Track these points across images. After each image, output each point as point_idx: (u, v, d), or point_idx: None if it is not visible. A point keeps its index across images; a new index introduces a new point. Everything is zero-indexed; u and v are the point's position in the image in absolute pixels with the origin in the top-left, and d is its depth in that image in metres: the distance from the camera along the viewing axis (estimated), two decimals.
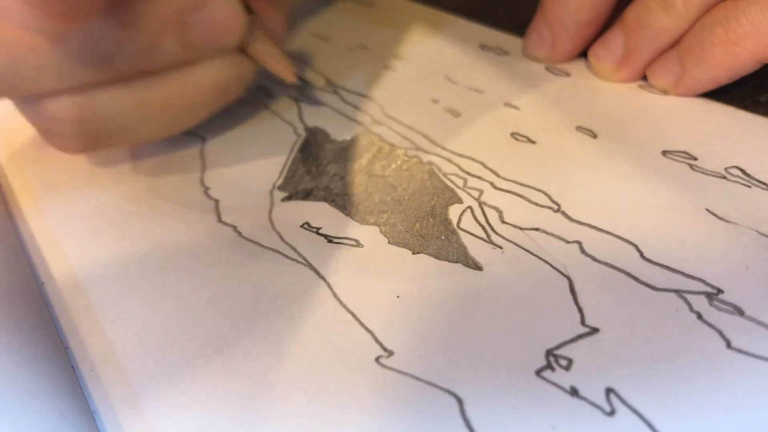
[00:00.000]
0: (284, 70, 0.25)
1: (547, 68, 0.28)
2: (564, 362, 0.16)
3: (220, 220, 0.22)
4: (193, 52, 0.22)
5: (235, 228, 0.22)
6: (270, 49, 0.24)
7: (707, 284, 0.17)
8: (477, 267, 0.19)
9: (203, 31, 0.22)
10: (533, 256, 0.19)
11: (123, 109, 0.22)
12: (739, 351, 0.16)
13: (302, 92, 0.25)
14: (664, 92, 0.25)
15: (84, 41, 0.19)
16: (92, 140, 0.22)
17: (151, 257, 0.21)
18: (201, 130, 0.27)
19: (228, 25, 0.22)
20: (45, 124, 0.21)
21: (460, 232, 0.20)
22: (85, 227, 0.23)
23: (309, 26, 0.34)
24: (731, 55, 0.22)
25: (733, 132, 0.23)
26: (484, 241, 0.20)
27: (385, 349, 0.17)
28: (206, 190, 0.24)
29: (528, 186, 0.22)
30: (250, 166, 0.25)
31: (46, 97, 0.21)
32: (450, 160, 0.23)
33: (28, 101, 0.21)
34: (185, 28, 0.21)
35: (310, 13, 0.35)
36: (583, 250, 0.19)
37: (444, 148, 0.24)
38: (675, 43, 0.24)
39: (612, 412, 0.15)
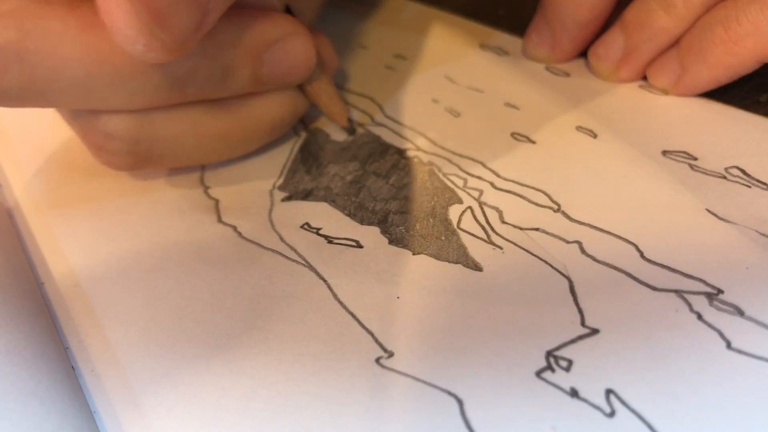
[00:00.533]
0: (339, 114, 0.25)
1: (547, 68, 0.28)
2: (564, 363, 0.16)
3: (220, 220, 0.22)
4: (262, 85, 0.22)
5: (235, 228, 0.22)
6: (330, 90, 0.25)
7: (707, 284, 0.17)
8: (477, 267, 0.19)
9: (277, 66, 0.22)
10: (533, 257, 0.19)
11: (180, 133, 0.22)
12: (739, 351, 0.16)
13: (349, 133, 0.26)
14: (664, 92, 0.25)
15: (163, 65, 0.19)
16: (142, 160, 0.22)
17: (151, 257, 0.21)
18: None
19: (301, 63, 0.22)
20: (98, 139, 0.21)
21: (460, 233, 0.20)
22: (85, 227, 0.23)
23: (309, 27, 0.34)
24: (731, 54, 0.22)
25: (733, 132, 0.23)
26: (484, 241, 0.20)
27: (385, 350, 0.17)
28: (206, 189, 0.24)
29: (528, 186, 0.22)
30: (251, 166, 0.25)
31: (104, 113, 0.21)
32: (450, 160, 0.23)
33: (84, 114, 0.21)
34: (260, 62, 0.21)
35: None
36: (583, 251, 0.19)
37: (444, 148, 0.24)
38: (675, 43, 0.24)
39: (612, 413, 0.15)
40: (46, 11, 0.18)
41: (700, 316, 0.17)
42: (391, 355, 0.17)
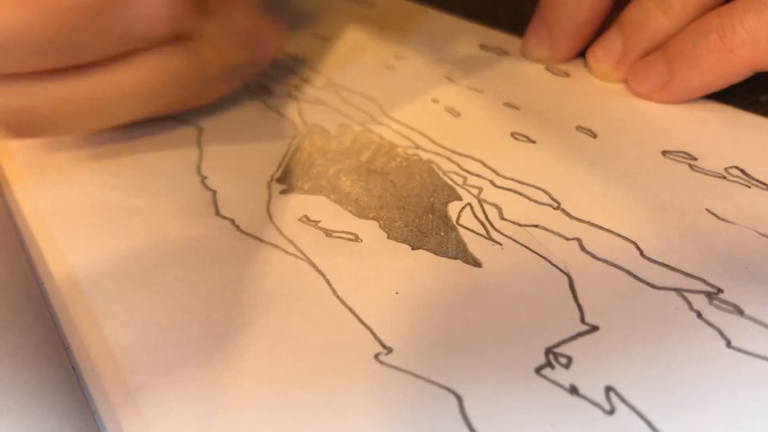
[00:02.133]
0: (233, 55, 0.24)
1: (547, 68, 0.28)
2: (563, 360, 0.16)
3: (218, 213, 0.22)
4: (123, 43, 0.21)
5: (233, 222, 0.22)
6: (220, 43, 0.23)
7: (707, 283, 0.17)
8: (476, 263, 0.19)
9: (131, 17, 0.20)
10: (533, 253, 0.19)
11: (46, 103, 0.21)
12: (739, 350, 0.16)
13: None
14: (646, 98, 0.25)
15: (53, 30, 0.19)
16: (12, 130, 0.22)
17: (150, 255, 0.21)
18: (199, 120, 0.27)
19: (156, 12, 0.20)
20: None
21: (460, 229, 0.20)
22: (84, 225, 0.23)
23: (309, 26, 0.34)
24: (725, 62, 0.22)
25: (733, 132, 0.23)
26: (484, 237, 0.20)
27: (384, 346, 0.17)
28: (203, 179, 0.24)
29: (528, 184, 0.22)
30: (248, 158, 0.25)
31: None
32: (450, 159, 0.23)
33: None
34: (117, 16, 0.20)
35: (310, 13, 0.35)
36: (582, 248, 0.19)
37: (444, 147, 0.24)
38: (657, 48, 0.24)
39: (612, 411, 0.15)
40: None
41: (699, 315, 0.17)
42: (390, 351, 0.17)
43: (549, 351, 0.16)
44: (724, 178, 0.21)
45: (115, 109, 0.22)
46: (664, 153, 0.22)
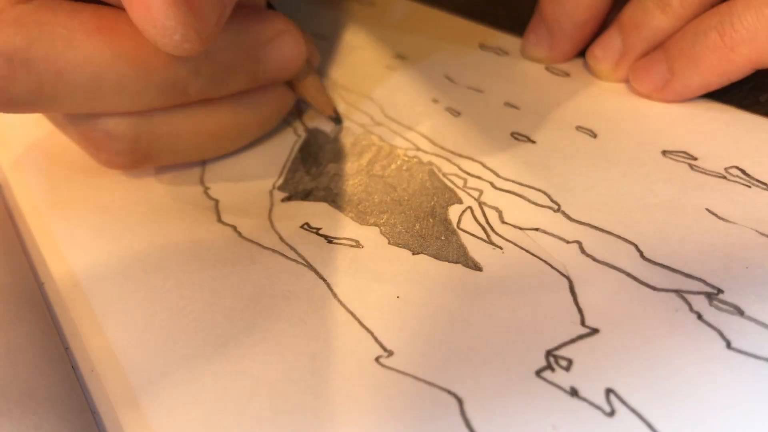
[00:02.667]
0: (326, 105, 0.26)
1: (547, 68, 0.28)
2: (564, 363, 0.16)
3: (219, 220, 0.22)
4: (257, 82, 0.23)
5: (234, 228, 0.22)
6: (317, 83, 0.26)
7: (707, 284, 0.17)
8: (477, 267, 0.19)
9: (272, 64, 0.23)
10: (533, 257, 0.19)
11: (178, 131, 0.22)
12: (739, 351, 0.16)
13: (335, 124, 0.27)
14: (647, 97, 0.25)
15: (167, 67, 0.20)
16: (141, 158, 0.22)
17: (151, 257, 0.21)
18: None
19: (294, 60, 0.23)
20: (98, 140, 0.22)
21: (460, 233, 0.20)
22: (85, 227, 0.23)
23: (309, 26, 0.34)
24: (726, 60, 0.22)
25: (733, 132, 0.23)
26: (484, 241, 0.20)
27: (384, 349, 0.17)
28: (206, 189, 0.24)
29: (528, 186, 0.22)
30: (250, 166, 0.25)
31: (105, 115, 0.21)
32: (450, 160, 0.23)
33: (82, 117, 0.21)
34: (257, 61, 0.22)
35: (310, 13, 0.35)
36: (583, 250, 0.19)
37: (444, 148, 0.24)
38: (658, 47, 0.24)
39: (612, 413, 0.15)
40: (50, 18, 0.18)
41: (700, 316, 0.17)
42: (390, 354, 0.17)
43: (549, 353, 0.16)
44: (724, 178, 0.21)
45: (231, 140, 0.24)
46: (664, 153, 0.22)
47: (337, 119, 0.27)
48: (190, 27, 0.17)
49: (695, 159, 0.22)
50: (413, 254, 0.20)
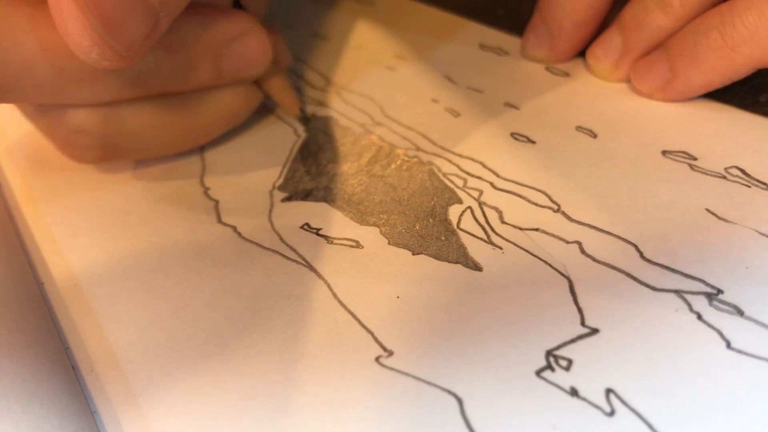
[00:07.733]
0: (291, 104, 0.26)
1: (547, 68, 0.28)
2: (564, 362, 0.16)
3: (219, 220, 0.22)
4: (221, 79, 0.23)
5: (234, 228, 0.22)
6: (283, 83, 0.26)
7: (707, 284, 0.17)
8: (477, 267, 0.19)
9: (236, 61, 0.23)
10: (533, 257, 0.19)
11: (143, 125, 0.23)
12: (739, 351, 0.16)
13: (304, 124, 0.27)
14: (649, 97, 0.25)
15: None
16: (108, 153, 0.23)
17: (151, 257, 0.21)
18: None
19: (258, 58, 0.23)
20: (65, 134, 0.22)
21: (460, 233, 0.20)
22: (85, 227, 0.23)
23: (309, 26, 0.34)
24: (727, 60, 0.22)
25: (733, 132, 0.23)
26: (484, 241, 0.20)
27: (385, 349, 0.17)
28: (206, 190, 0.24)
29: (528, 186, 0.22)
30: (250, 167, 0.25)
31: (71, 108, 0.21)
32: (450, 161, 0.23)
33: (51, 110, 0.22)
34: (220, 58, 0.22)
35: (310, 13, 0.35)
36: (583, 251, 0.19)
37: (444, 148, 0.24)
38: (659, 47, 0.24)
39: (612, 413, 0.15)
40: (12, 10, 0.19)
41: (699, 316, 0.17)
42: (390, 354, 0.17)
43: (549, 353, 0.16)
44: (724, 178, 0.21)
45: (197, 134, 0.25)
46: (664, 153, 0.22)
47: (304, 119, 0.27)
48: (106, 47, 0.17)
49: (695, 159, 0.22)
50: (413, 254, 0.20)
